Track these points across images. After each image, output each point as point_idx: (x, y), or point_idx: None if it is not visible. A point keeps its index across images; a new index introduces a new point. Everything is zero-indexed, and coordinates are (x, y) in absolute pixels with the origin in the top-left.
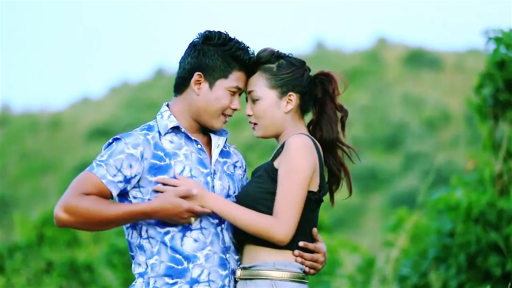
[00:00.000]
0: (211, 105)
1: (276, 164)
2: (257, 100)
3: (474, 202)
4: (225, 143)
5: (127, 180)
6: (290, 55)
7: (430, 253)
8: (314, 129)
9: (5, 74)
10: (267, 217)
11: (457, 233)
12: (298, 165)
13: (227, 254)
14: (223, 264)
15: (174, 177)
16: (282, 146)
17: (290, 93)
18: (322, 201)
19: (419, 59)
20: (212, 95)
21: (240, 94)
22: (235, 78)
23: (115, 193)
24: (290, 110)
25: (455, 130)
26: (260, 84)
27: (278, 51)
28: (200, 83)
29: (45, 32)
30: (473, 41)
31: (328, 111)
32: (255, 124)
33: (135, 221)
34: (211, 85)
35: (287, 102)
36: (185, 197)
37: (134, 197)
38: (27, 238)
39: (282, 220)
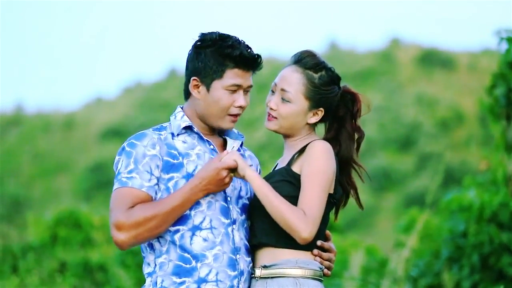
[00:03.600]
0: (212, 107)
1: (295, 169)
2: (288, 101)
3: (486, 202)
4: (241, 146)
5: (159, 180)
6: (332, 69)
7: (443, 254)
8: (330, 144)
9: (18, 75)
10: (298, 209)
11: (470, 234)
12: (324, 168)
13: (238, 255)
14: (233, 264)
15: (187, 175)
16: (300, 151)
17: (321, 108)
18: (336, 203)
19: (432, 59)
20: (210, 97)
21: (246, 91)
22: (231, 76)
23: (154, 196)
24: (312, 123)
25: (468, 130)
26: (297, 88)
27: (323, 61)
28: (198, 87)
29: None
30: (487, 41)
31: (348, 128)
32: (274, 117)
33: (189, 204)
34: (208, 87)
35: (314, 114)
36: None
37: None
38: (41, 238)
39: (310, 218)
